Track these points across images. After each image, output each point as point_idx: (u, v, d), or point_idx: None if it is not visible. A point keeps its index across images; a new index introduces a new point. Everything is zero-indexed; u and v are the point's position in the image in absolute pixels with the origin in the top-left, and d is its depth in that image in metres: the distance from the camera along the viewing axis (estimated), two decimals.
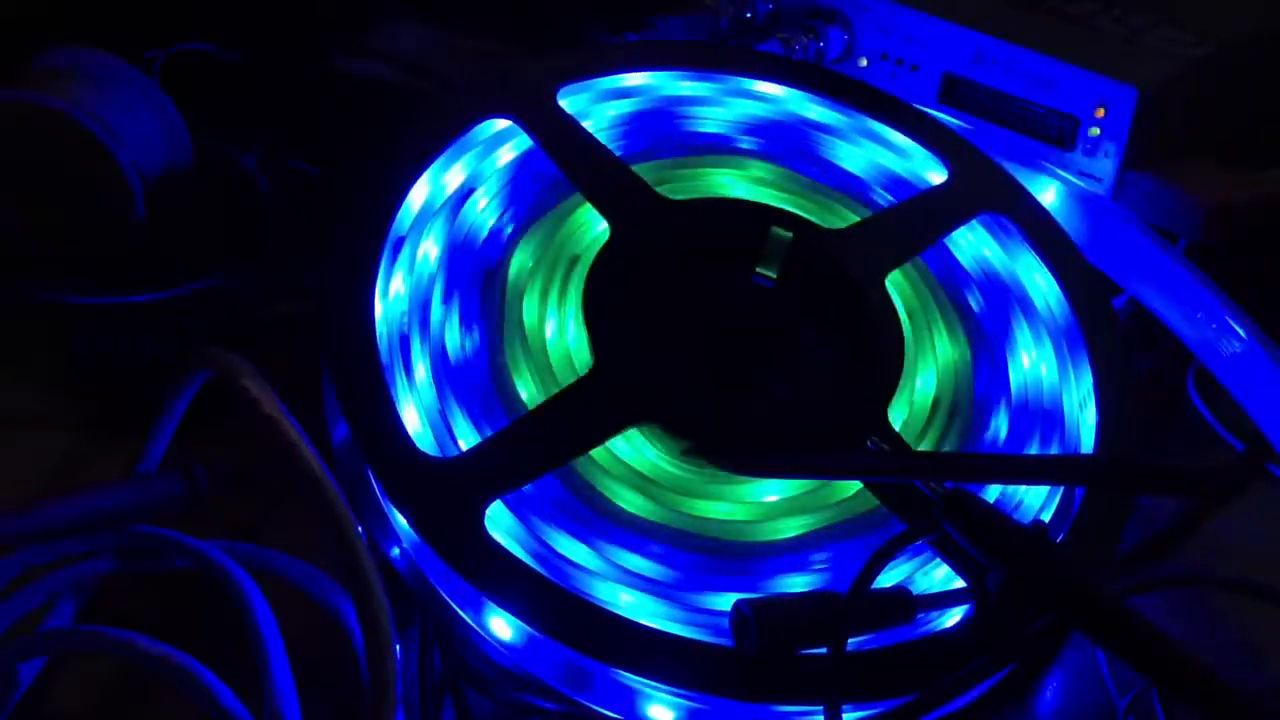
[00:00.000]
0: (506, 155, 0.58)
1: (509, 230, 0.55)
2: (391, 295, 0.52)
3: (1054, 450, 0.54)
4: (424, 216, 0.55)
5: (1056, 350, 0.56)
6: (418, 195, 0.55)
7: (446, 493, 0.46)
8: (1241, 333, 0.59)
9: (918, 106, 0.65)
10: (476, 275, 0.54)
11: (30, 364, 0.61)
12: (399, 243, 0.53)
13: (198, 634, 0.46)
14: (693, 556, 0.48)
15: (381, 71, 0.73)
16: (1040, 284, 0.58)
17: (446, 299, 0.53)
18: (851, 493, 0.51)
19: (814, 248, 0.56)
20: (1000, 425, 0.54)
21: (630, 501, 0.49)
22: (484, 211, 0.56)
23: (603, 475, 0.49)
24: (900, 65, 0.70)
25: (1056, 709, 0.51)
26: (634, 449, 0.51)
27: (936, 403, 0.54)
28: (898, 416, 0.53)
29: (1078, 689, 0.51)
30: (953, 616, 0.48)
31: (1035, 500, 0.52)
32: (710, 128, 0.62)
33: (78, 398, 0.60)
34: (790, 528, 0.49)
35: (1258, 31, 0.71)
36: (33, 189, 0.64)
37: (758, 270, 0.55)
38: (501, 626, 0.47)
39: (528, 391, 0.51)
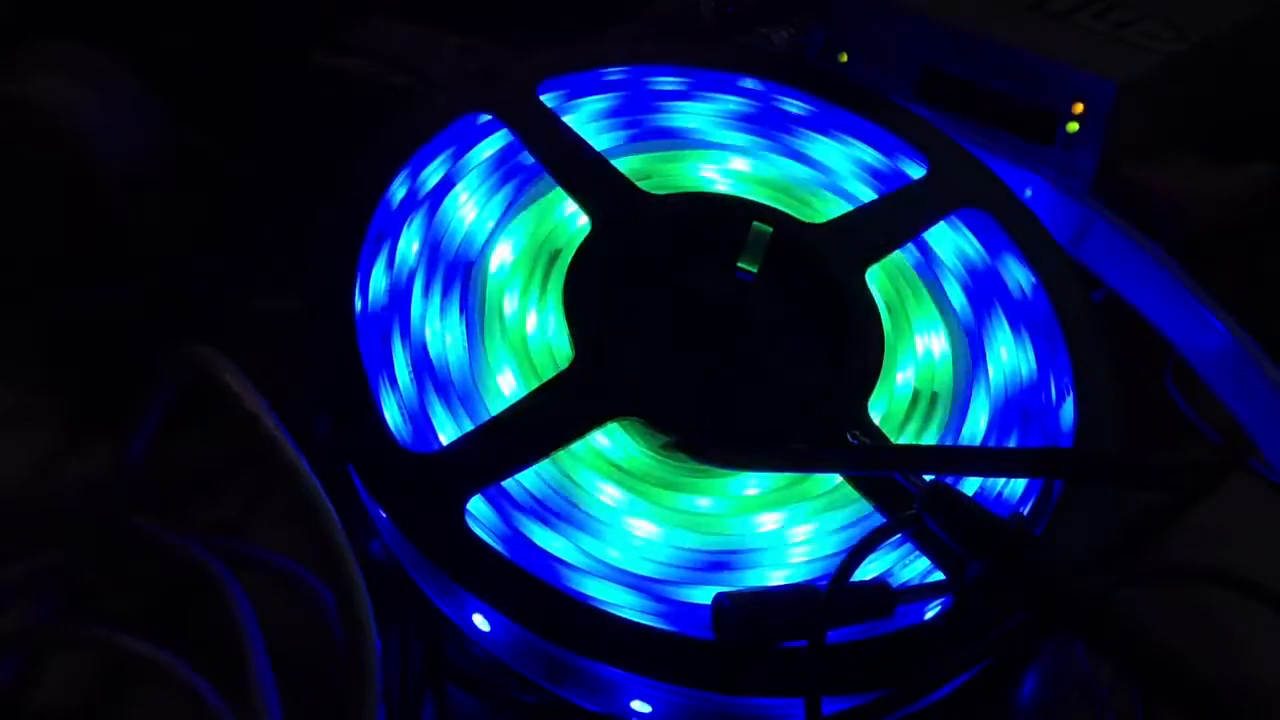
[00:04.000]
0: (487, 150, 0.58)
1: (489, 225, 0.55)
2: (372, 290, 0.52)
3: (1033, 444, 0.54)
4: (405, 211, 0.55)
5: (1035, 344, 0.56)
6: (398, 190, 0.55)
7: (427, 487, 0.46)
8: (1219, 327, 0.59)
9: (897, 101, 0.65)
10: (457, 270, 0.54)
11: (10, 360, 0.61)
12: (380, 238, 0.53)
13: (179, 630, 0.46)
14: (673, 550, 0.48)
15: (363, 67, 0.73)
16: (1019, 278, 0.59)
17: (427, 294, 0.53)
18: (831, 486, 0.51)
19: (794, 242, 0.56)
20: (979, 419, 0.54)
21: (610, 495, 0.49)
22: (465, 206, 0.56)
23: (583, 469, 0.50)
24: (880, 60, 0.70)
25: (1035, 702, 0.51)
26: (614, 443, 0.51)
27: (916, 396, 0.54)
28: (878, 410, 0.53)
29: (1056, 682, 0.52)
30: (932, 609, 0.48)
31: (1014, 493, 0.52)
32: (690, 122, 0.62)
33: (59, 394, 0.60)
34: (770, 521, 0.50)
35: (1237, 27, 0.71)
36: (11, 183, 0.63)
37: (738, 264, 0.55)
38: (482, 621, 0.47)
39: (508, 386, 0.51)
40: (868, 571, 0.48)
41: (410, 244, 0.54)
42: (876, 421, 0.52)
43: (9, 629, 0.48)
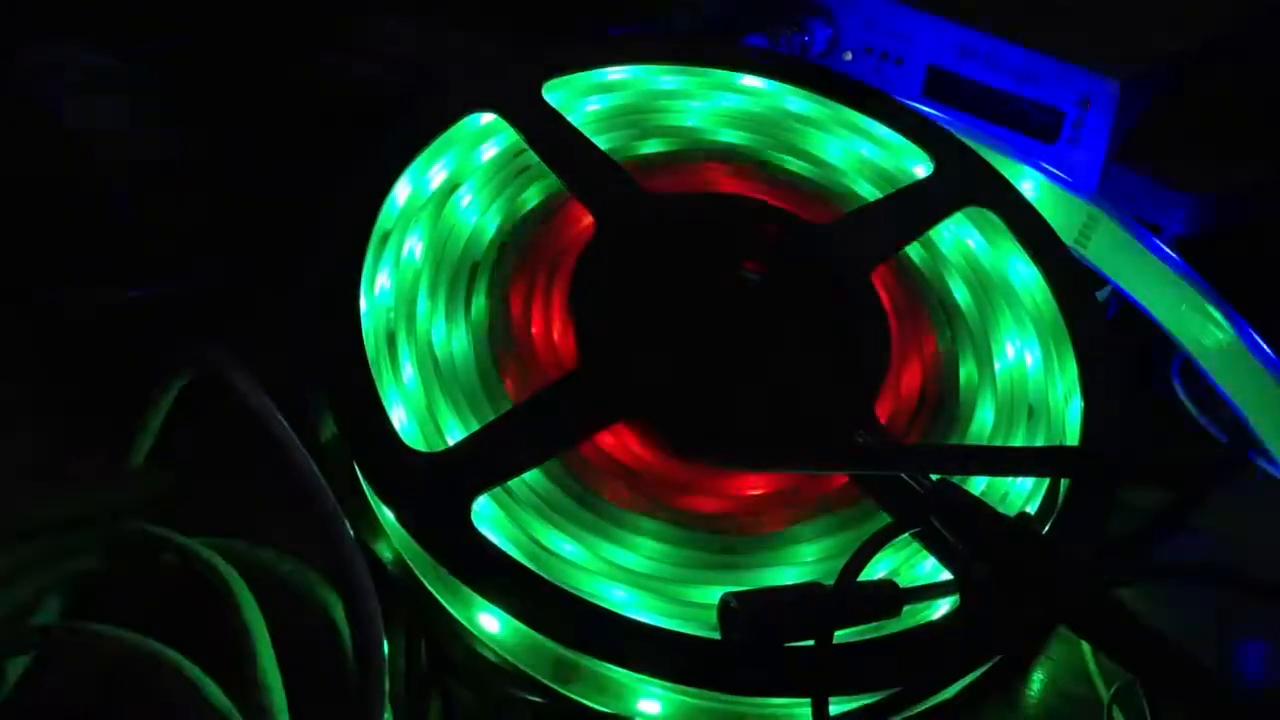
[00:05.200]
0: (492, 150, 0.58)
1: (495, 225, 0.55)
2: (378, 291, 0.52)
3: (1039, 443, 0.54)
4: (410, 211, 0.55)
5: (1041, 342, 0.56)
6: (403, 190, 0.55)
7: (433, 488, 0.46)
8: (1224, 324, 0.59)
9: (902, 100, 0.65)
10: (462, 270, 0.54)
11: (16, 360, 0.61)
12: (385, 237, 0.53)
13: (185, 629, 0.46)
14: (680, 550, 0.48)
15: (367, 66, 0.73)
16: (1024, 276, 0.59)
17: (433, 293, 0.53)
18: (839, 486, 0.51)
19: (800, 242, 0.56)
20: (985, 418, 0.54)
21: (616, 495, 0.49)
22: (469, 206, 0.56)
23: (589, 469, 0.49)
24: (885, 59, 0.70)
25: (1042, 701, 0.51)
26: (620, 442, 0.51)
27: (922, 395, 0.54)
28: (884, 409, 0.53)
29: (1063, 681, 0.52)
30: (939, 608, 0.48)
31: (1020, 492, 0.52)
32: (696, 121, 0.62)
33: (64, 393, 0.60)
34: (777, 521, 0.50)
35: (1239, 26, 0.71)
36: (14, 183, 0.63)
37: (744, 264, 0.55)
38: (489, 621, 0.47)
39: (514, 386, 0.51)
40: (874, 571, 0.48)
41: (416, 243, 0.54)
42: (883, 421, 0.52)
43: (15, 629, 0.48)
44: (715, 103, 0.63)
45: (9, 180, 0.63)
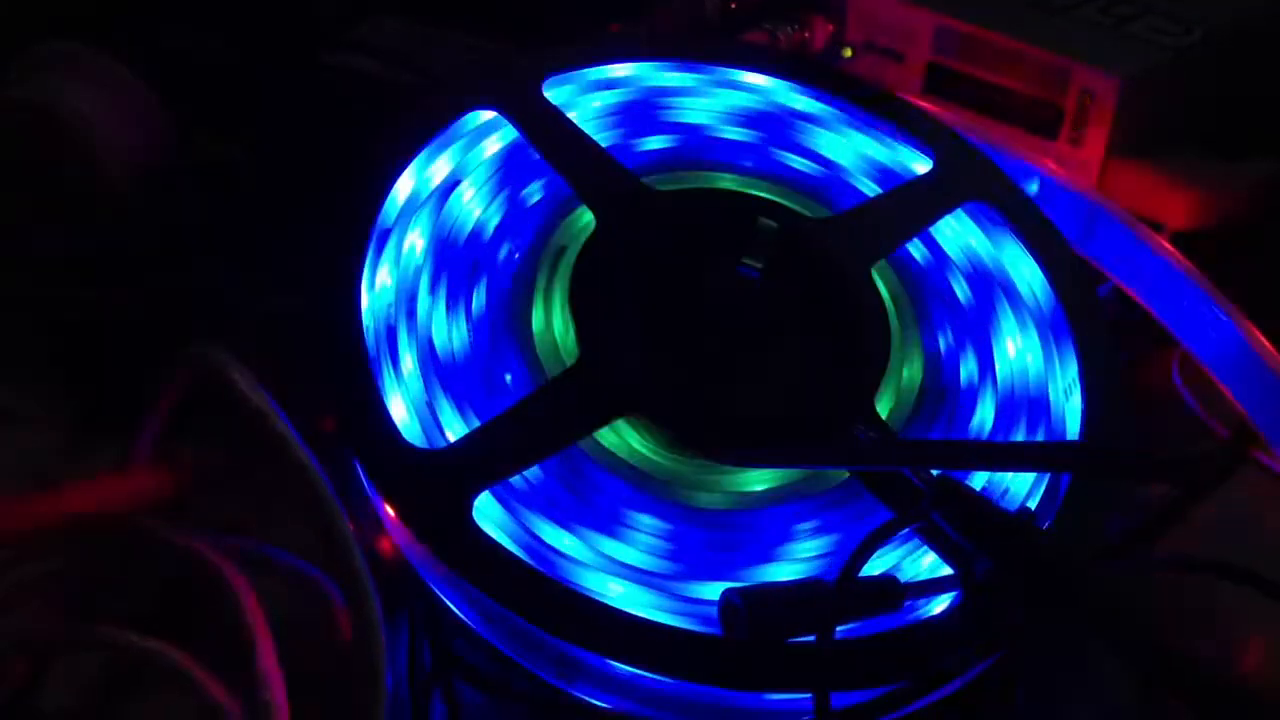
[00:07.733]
0: (492, 147, 0.58)
1: (495, 221, 0.55)
2: (378, 287, 0.52)
3: (1040, 438, 0.54)
4: (410, 208, 0.55)
5: (1042, 338, 0.56)
6: (404, 187, 0.55)
7: (434, 484, 0.46)
8: (1225, 320, 0.59)
9: (902, 96, 0.65)
10: (463, 266, 0.54)
11: (15, 359, 0.61)
12: (385, 234, 0.53)
13: (187, 628, 0.46)
14: (680, 546, 0.48)
15: (367, 65, 0.73)
16: (1025, 272, 0.59)
17: (433, 290, 0.53)
18: (839, 481, 0.51)
19: (800, 238, 0.56)
20: (986, 413, 0.54)
21: (618, 491, 0.49)
22: (470, 203, 0.56)
23: (590, 465, 0.49)
24: (885, 55, 0.70)
25: (1044, 697, 0.51)
26: (621, 439, 0.51)
27: (923, 391, 0.54)
28: (884, 405, 0.53)
29: (1063, 676, 0.52)
30: (940, 604, 0.48)
31: (1021, 488, 0.52)
32: (695, 118, 0.62)
33: (64, 393, 0.60)
34: (778, 517, 0.50)
35: (1243, 22, 0.71)
36: (16, 184, 0.63)
37: (744, 260, 0.55)
38: (489, 618, 0.47)
39: (515, 382, 0.51)
40: (876, 567, 0.48)
41: (416, 240, 0.54)
42: (883, 416, 0.52)
43: (18, 631, 0.48)
44: (716, 99, 0.63)
45: (11, 180, 0.63)
